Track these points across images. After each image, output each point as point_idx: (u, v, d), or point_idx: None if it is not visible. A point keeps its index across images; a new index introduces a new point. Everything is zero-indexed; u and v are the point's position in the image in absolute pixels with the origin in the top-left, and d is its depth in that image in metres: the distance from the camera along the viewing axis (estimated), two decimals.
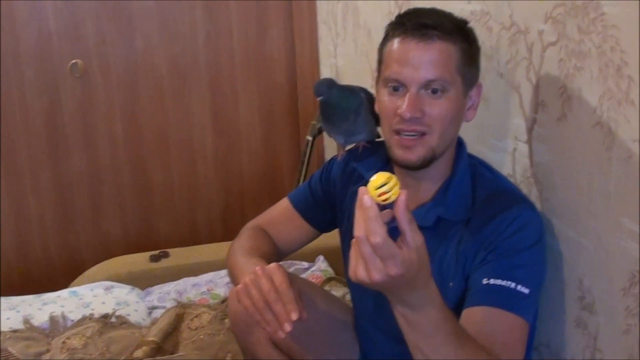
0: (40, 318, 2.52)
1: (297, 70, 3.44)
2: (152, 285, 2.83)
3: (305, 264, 2.86)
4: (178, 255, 2.99)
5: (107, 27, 3.23)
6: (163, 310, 2.58)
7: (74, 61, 3.21)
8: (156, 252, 2.97)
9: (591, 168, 1.43)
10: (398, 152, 1.56)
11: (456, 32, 1.52)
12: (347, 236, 1.80)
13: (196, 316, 2.48)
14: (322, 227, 1.92)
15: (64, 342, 2.33)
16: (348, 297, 1.95)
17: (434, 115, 1.51)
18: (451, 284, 1.55)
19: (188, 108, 3.40)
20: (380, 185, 1.16)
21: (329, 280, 2.70)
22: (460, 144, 1.65)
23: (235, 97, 3.44)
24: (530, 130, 1.65)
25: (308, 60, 3.41)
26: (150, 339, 2.33)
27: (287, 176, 3.53)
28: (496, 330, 1.41)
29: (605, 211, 1.40)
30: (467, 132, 1.92)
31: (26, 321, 2.49)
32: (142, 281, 2.83)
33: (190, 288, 2.74)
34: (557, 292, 1.61)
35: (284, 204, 1.93)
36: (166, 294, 2.73)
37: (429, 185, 1.62)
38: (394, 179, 1.17)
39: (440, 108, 1.51)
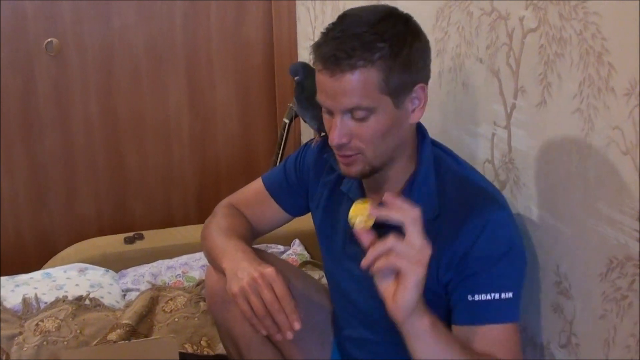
0: (13, 300, 2.51)
1: (275, 52, 3.42)
2: (126, 268, 2.81)
3: (281, 248, 2.86)
4: (153, 238, 2.98)
5: (83, 5, 3.19)
6: (137, 293, 2.58)
7: (49, 40, 3.17)
8: (130, 234, 2.96)
9: (570, 154, 1.44)
10: (340, 167, 1.58)
11: (376, 50, 1.43)
12: (321, 227, 1.80)
13: (171, 299, 2.48)
14: (295, 211, 1.91)
15: (37, 325, 2.32)
16: (324, 280, 1.94)
17: (362, 137, 1.49)
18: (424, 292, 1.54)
19: (164, 89, 3.37)
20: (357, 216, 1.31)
21: (304, 264, 2.70)
22: (422, 135, 1.61)
23: (212, 78, 3.41)
24: (509, 116, 1.65)
25: (286, 42, 3.39)
26: (124, 321, 2.32)
27: (263, 159, 3.51)
28: (492, 346, 1.45)
29: (584, 197, 1.41)
30: (445, 118, 1.93)
31: None
32: (116, 263, 2.82)
33: (165, 270, 2.74)
34: (534, 277, 1.61)
35: (257, 185, 1.92)
36: (140, 277, 2.72)
37: (392, 183, 1.60)
38: (366, 210, 1.31)
39: (368, 130, 1.48)
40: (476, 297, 1.46)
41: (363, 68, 1.42)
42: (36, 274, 2.71)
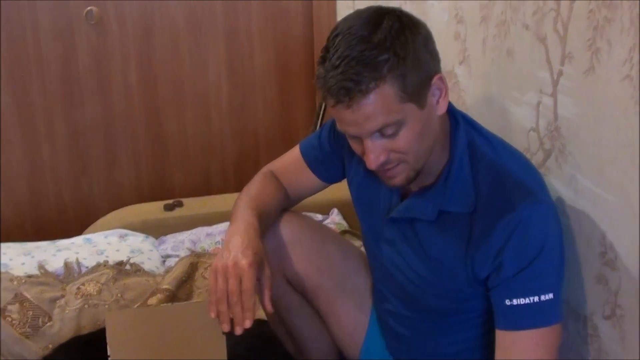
0: (55, 264, 2.54)
1: (314, 21, 3.39)
2: (165, 234, 2.84)
3: (320, 217, 2.85)
4: (192, 205, 3.00)
5: None
6: (177, 259, 2.60)
7: (89, 8, 3.17)
8: (170, 201, 2.97)
9: (618, 122, 1.41)
10: (384, 181, 1.56)
11: (382, 63, 1.38)
12: (358, 203, 1.80)
13: (210, 265, 2.33)
14: (329, 180, 1.89)
15: (78, 288, 2.34)
16: (362, 249, 1.94)
17: (399, 149, 1.46)
18: (459, 283, 1.56)
19: (204, 58, 3.36)
20: None
21: (343, 233, 2.69)
22: (455, 121, 1.57)
23: (251, 48, 3.40)
24: (555, 83, 1.62)
25: (325, 11, 3.36)
26: (164, 286, 2.34)
27: (302, 127, 3.50)
28: (534, 351, 1.45)
29: (632, 166, 1.38)
30: (489, 86, 1.91)
31: (41, 267, 2.51)
32: (156, 230, 2.85)
33: (204, 237, 2.75)
34: (578, 248, 1.59)
35: (295, 152, 1.90)
36: (180, 243, 2.74)
37: (427, 174, 1.58)
38: None
39: (402, 142, 1.45)
40: (514, 302, 1.45)
41: (376, 88, 1.38)
42: (77, 239, 2.74)
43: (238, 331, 1.54)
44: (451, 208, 1.52)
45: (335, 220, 2.82)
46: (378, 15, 1.42)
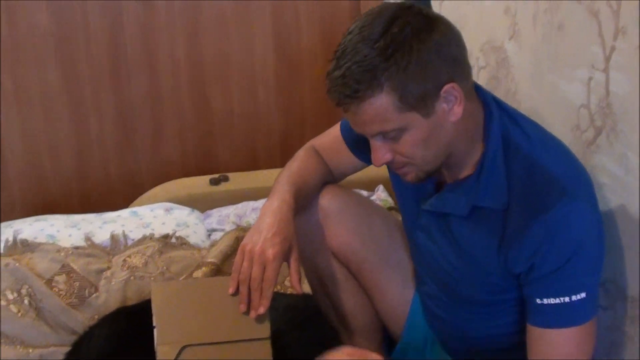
0: (101, 236, 2.56)
1: None
2: (211, 208, 2.84)
3: (365, 193, 2.84)
4: (238, 180, 3.02)
5: None
6: (222, 233, 2.61)
7: None
8: (216, 175, 2.99)
9: None
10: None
11: (381, 72, 1.37)
12: (395, 186, 1.79)
13: None
14: (368, 161, 1.86)
15: (124, 260, 2.36)
16: None
17: (403, 153, 1.47)
18: (492, 276, 1.55)
19: (250, 33, 3.34)
20: None
21: (389, 210, 2.68)
22: (489, 112, 1.53)
23: (297, 22, 3.37)
24: (608, 59, 1.58)
25: None
26: (209, 260, 2.34)
27: None
28: (562, 351, 1.45)
29: None
30: (539, 62, 1.87)
31: (87, 239, 2.54)
32: (201, 204, 2.86)
33: (250, 212, 2.75)
34: (627, 227, 1.55)
35: (336, 130, 1.89)
36: (225, 217, 2.75)
37: (460, 168, 1.56)
38: None
39: (405, 146, 1.45)
40: (545, 301, 1.44)
41: (370, 98, 1.38)
42: (123, 212, 2.77)
43: (252, 315, 1.58)
44: (484, 203, 1.51)
45: (380, 197, 2.81)
46: (392, 17, 1.40)
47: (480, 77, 2.28)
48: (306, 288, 1.95)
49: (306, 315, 1.96)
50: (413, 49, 1.37)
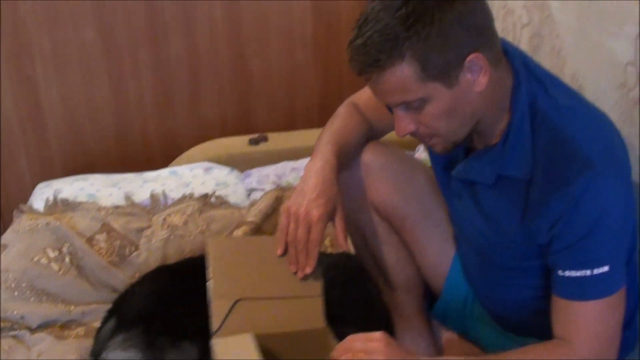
0: (141, 195, 2.58)
1: None
2: (250, 168, 2.84)
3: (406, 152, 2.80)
4: (277, 140, 3.02)
5: None
6: (262, 193, 2.61)
7: None
8: (255, 135, 2.98)
9: None
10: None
11: (402, 41, 1.34)
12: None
13: None
14: None
15: (164, 219, 2.37)
16: None
17: (426, 124, 1.44)
18: (517, 244, 1.54)
19: None
20: None
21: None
22: (518, 80, 1.48)
23: None
24: None
25: None
26: (249, 219, 2.35)
27: None
28: (586, 323, 1.43)
29: None
30: (583, 18, 1.82)
31: (128, 198, 2.55)
32: (240, 163, 2.86)
33: (289, 172, 2.75)
34: None
35: None
36: (265, 177, 2.74)
37: (486, 137, 1.53)
38: None
39: (428, 117, 1.43)
40: (567, 273, 1.43)
41: (392, 67, 1.36)
42: (163, 172, 2.77)
43: (300, 275, 1.59)
44: (508, 172, 1.49)
45: (421, 157, 2.76)
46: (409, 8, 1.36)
47: (523, 34, 2.22)
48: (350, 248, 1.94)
49: (348, 274, 1.96)
50: (434, 18, 1.34)
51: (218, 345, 1.47)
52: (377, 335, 1.44)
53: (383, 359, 1.40)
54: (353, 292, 1.93)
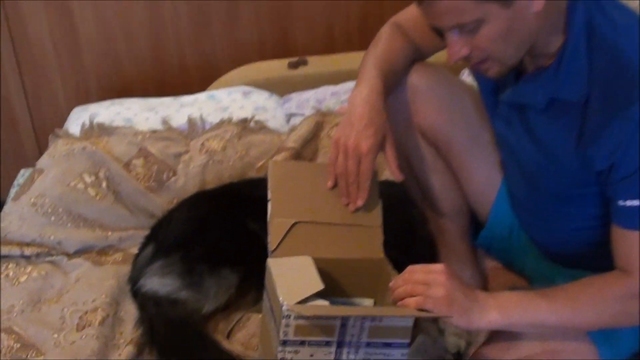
0: (179, 120, 2.55)
1: None
2: (290, 92, 2.80)
3: None
4: (317, 63, 2.95)
5: None
6: (301, 118, 2.57)
7: None
8: (294, 59, 2.94)
9: None
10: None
11: None
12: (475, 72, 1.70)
13: (336, 125, 2.30)
14: None
15: (202, 144, 2.34)
16: None
17: (481, 47, 1.39)
18: (571, 171, 1.48)
19: None
20: None
21: None
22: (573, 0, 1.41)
23: None
24: None
25: None
26: (289, 145, 2.32)
27: None
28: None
29: None
30: None
31: (165, 122, 2.52)
32: (280, 88, 2.82)
33: (330, 96, 2.71)
34: None
35: None
36: (305, 102, 2.71)
37: (540, 59, 1.47)
38: None
39: (483, 40, 1.37)
40: (627, 203, 1.37)
41: None
42: (200, 96, 2.74)
43: (351, 207, 1.58)
44: (562, 96, 1.43)
45: (466, 80, 2.69)
46: None
47: None
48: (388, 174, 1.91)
49: (392, 200, 1.85)
50: None
51: (275, 264, 1.47)
52: (439, 267, 1.40)
53: (443, 292, 1.36)
54: (397, 219, 1.85)
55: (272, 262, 1.48)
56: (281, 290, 1.37)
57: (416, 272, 1.40)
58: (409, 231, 1.93)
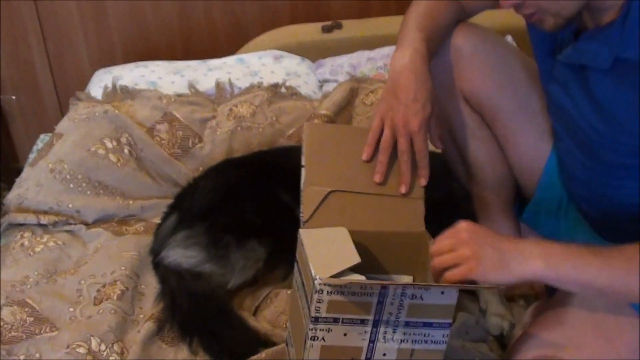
0: (206, 84, 2.51)
1: None
2: (323, 58, 2.76)
3: None
4: (351, 27, 2.89)
5: None
6: (335, 84, 2.52)
7: None
8: (328, 22, 2.87)
9: None
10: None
11: None
12: (530, 30, 1.60)
13: (372, 91, 2.42)
14: None
15: (230, 110, 2.29)
16: None
17: None
18: (637, 138, 1.36)
19: None
20: None
21: None
22: None
23: None
24: None
25: None
26: (322, 112, 2.29)
27: None
28: None
29: None
30: None
31: (191, 86, 2.47)
32: (312, 52, 2.78)
33: (365, 62, 2.65)
34: None
35: None
36: (339, 67, 2.66)
37: (603, 11, 1.35)
38: None
39: None
40: None
41: None
42: (229, 59, 2.72)
43: (403, 189, 1.51)
44: (629, 54, 1.31)
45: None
46: None
47: None
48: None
49: (431, 173, 1.80)
50: None
51: (307, 235, 1.40)
52: (460, 226, 1.33)
53: (469, 251, 1.28)
54: (437, 192, 1.75)
55: (304, 233, 1.41)
56: (314, 263, 1.29)
57: (441, 240, 1.33)
58: (449, 205, 1.85)
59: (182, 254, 1.77)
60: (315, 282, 1.24)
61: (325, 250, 1.36)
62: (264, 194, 1.84)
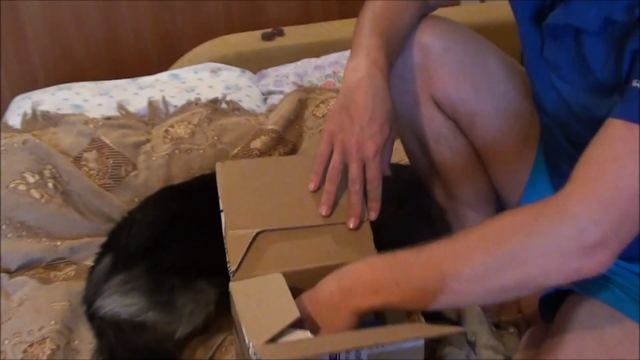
0: (137, 104, 2.40)
1: None
2: (265, 68, 2.71)
3: None
4: (294, 34, 2.86)
5: None
6: (281, 96, 2.47)
7: None
8: (269, 30, 2.84)
9: None
10: None
11: None
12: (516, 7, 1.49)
13: (322, 102, 2.35)
14: None
15: (166, 131, 2.18)
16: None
17: None
18: None
19: None
20: None
21: None
22: None
23: None
24: None
25: None
26: (269, 127, 2.19)
27: None
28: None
29: None
30: None
31: (121, 107, 2.37)
32: (253, 63, 2.73)
33: (312, 70, 2.63)
34: None
35: None
36: (284, 77, 2.62)
37: None
38: None
39: None
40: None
41: None
42: (162, 76, 2.62)
43: (352, 224, 1.41)
44: (619, 17, 1.22)
45: None
46: None
47: None
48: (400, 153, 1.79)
49: (400, 188, 1.75)
50: None
51: (238, 290, 1.31)
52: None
53: None
54: (407, 210, 1.74)
55: (235, 288, 1.31)
56: (247, 327, 1.20)
57: None
58: (422, 224, 1.75)
59: (120, 302, 1.60)
60: (250, 351, 1.16)
61: (261, 307, 1.27)
62: (211, 224, 1.63)
